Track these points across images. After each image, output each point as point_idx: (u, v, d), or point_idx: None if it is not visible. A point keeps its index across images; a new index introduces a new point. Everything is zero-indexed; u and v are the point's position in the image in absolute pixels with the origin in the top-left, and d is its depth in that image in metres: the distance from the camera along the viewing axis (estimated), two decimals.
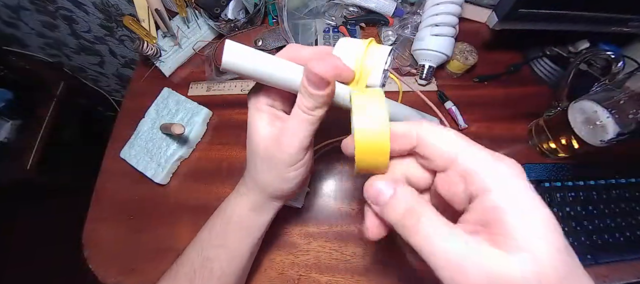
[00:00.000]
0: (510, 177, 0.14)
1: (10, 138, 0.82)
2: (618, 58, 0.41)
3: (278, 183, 0.25)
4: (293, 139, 0.22)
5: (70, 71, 1.01)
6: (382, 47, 0.22)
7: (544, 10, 0.38)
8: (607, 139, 0.35)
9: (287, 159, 0.23)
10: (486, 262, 0.13)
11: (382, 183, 0.17)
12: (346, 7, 0.50)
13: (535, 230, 0.13)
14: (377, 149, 0.17)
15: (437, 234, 0.14)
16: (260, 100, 0.24)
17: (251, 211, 0.28)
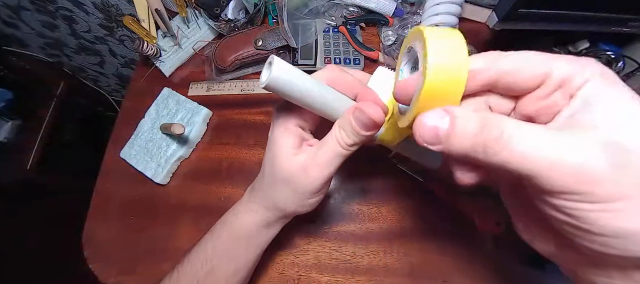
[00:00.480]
0: (602, 73, 0.13)
1: (10, 138, 0.82)
2: (618, 58, 0.42)
3: (297, 207, 0.25)
4: (324, 171, 0.22)
5: (70, 70, 1.01)
6: None
7: (544, 10, 0.38)
8: None
9: (313, 188, 0.23)
10: (584, 152, 0.12)
11: (432, 114, 0.14)
12: (346, 7, 0.50)
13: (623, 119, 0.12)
14: (451, 89, 0.14)
15: (531, 136, 0.12)
16: (290, 120, 0.23)
17: (262, 228, 0.28)
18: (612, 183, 0.12)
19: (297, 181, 0.23)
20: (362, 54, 0.48)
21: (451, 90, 0.14)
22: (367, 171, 0.41)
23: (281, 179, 0.24)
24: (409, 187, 0.40)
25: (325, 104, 0.20)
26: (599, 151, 0.12)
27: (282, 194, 0.24)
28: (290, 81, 0.19)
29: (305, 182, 0.23)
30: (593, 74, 0.13)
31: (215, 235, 0.29)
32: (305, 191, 0.23)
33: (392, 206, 0.39)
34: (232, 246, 0.28)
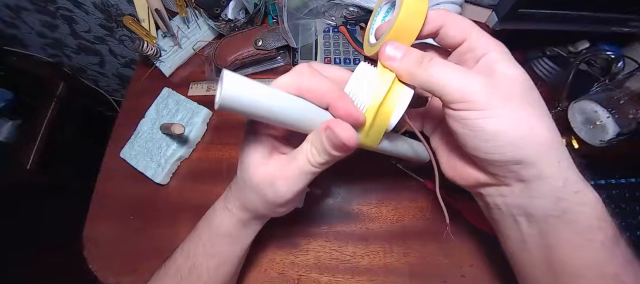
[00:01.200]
0: (501, 51, 0.20)
1: (10, 138, 0.82)
2: (618, 58, 0.41)
3: (268, 212, 0.26)
4: (291, 187, 0.22)
5: (70, 71, 1.01)
6: (405, 90, 0.21)
7: (544, 10, 0.38)
8: (607, 139, 0.35)
9: (280, 201, 0.23)
10: (485, 74, 0.19)
11: (393, 45, 0.21)
12: (346, 7, 0.50)
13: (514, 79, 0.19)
14: (413, 26, 0.21)
15: (442, 66, 0.19)
16: (261, 127, 0.22)
17: (239, 227, 0.28)
18: (485, 96, 0.18)
19: (264, 193, 0.22)
20: (362, 54, 0.48)
21: (412, 27, 0.21)
22: (367, 171, 0.41)
23: (250, 187, 0.23)
24: (409, 187, 0.40)
25: (292, 119, 0.19)
26: (478, 79, 0.19)
27: (253, 200, 0.24)
28: (247, 98, 0.16)
29: (272, 195, 0.22)
30: (491, 49, 0.20)
31: (198, 232, 0.29)
32: (273, 202, 0.23)
33: (392, 206, 0.39)
34: (212, 242, 0.28)
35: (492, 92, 0.18)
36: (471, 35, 0.21)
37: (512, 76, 0.19)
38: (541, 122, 0.19)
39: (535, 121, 0.19)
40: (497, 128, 0.18)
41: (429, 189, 0.39)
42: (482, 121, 0.18)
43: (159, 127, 0.44)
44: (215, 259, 0.28)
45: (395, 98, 0.21)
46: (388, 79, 0.20)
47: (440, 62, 0.20)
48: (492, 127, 0.18)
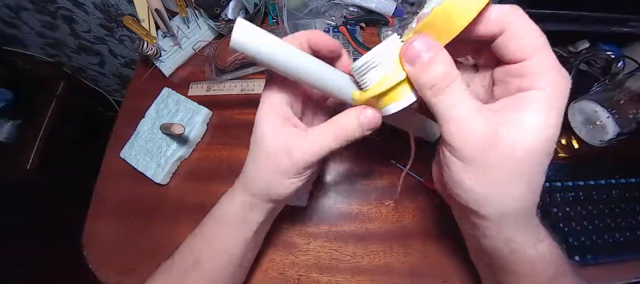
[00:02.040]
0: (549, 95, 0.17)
1: (10, 138, 0.82)
2: (618, 58, 0.42)
3: (274, 188, 0.24)
4: (308, 156, 0.22)
5: (70, 71, 1.01)
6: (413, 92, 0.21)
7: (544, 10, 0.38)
8: (607, 139, 0.35)
9: (293, 171, 0.23)
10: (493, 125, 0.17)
11: (423, 44, 0.17)
12: (346, 7, 0.50)
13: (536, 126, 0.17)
14: (465, 10, 0.17)
15: (455, 100, 0.17)
16: (275, 96, 0.23)
17: (241, 208, 0.27)
18: (477, 153, 0.17)
19: (279, 160, 0.23)
20: (362, 54, 0.48)
21: (454, 22, 0.17)
22: (367, 171, 0.41)
23: (265, 155, 0.23)
24: (409, 187, 0.40)
25: (298, 69, 0.20)
26: (481, 132, 0.17)
27: (261, 171, 0.24)
28: (256, 43, 0.19)
29: (286, 163, 0.22)
30: (542, 86, 0.17)
31: (202, 225, 0.29)
32: (285, 171, 0.23)
33: (392, 206, 0.39)
34: (214, 232, 0.28)
35: (486, 154, 0.17)
36: (532, 59, 0.17)
37: (526, 143, 0.17)
38: (522, 200, 0.19)
39: (515, 196, 0.18)
40: (473, 187, 0.18)
41: (429, 189, 0.39)
42: (461, 173, 0.18)
43: (159, 127, 0.44)
44: (217, 249, 0.28)
45: (404, 88, 0.20)
46: (400, 75, 0.19)
47: (456, 92, 0.17)
48: (468, 184, 0.18)
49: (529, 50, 0.17)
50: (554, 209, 0.37)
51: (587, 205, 0.37)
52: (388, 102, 0.21)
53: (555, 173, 0.40)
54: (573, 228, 0.36)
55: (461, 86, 0.18)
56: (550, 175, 0.40)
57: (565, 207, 0.37)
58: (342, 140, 0.22)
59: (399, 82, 0.19)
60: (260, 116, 0.23)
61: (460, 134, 0.17)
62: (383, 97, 0.21)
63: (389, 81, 0.20)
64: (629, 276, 0.35)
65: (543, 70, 0.17)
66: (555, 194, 0.38)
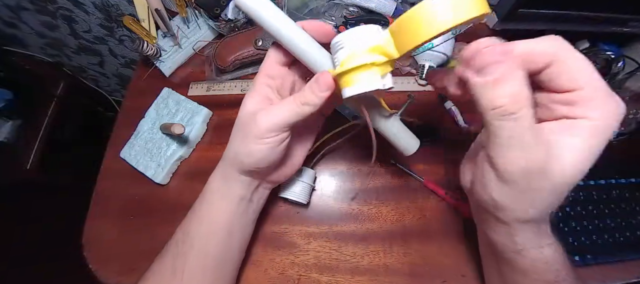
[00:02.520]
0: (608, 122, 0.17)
1: (10, 138, 0.82)
2: (618, 58, 0.42)
3: (241, 154, 0.27)
4: (269, 116, 0.25)
5: (70, 71, 1.01)
6: (377, 78, 0.21)
7: (544, 10, 0.38)
8: None
9: (255, 131, 0.25)
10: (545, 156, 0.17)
11: (498, 54, 0.17)
12: (346, 7, 0.50)
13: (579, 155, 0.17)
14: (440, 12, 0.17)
15: (531, 127, 0.17)
16: (260, 82, 0.26)
17: (220, 179, 0.30)
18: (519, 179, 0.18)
19: (246, 122, 0.26)
20: None
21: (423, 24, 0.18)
22: (367, 171, 0.41)
23: (239, 126, 0.27)
24: (409, 187, 0.40)
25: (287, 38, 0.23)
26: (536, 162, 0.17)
27: (234, 139, 0.28)
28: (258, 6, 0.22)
29: (251, 124, 0.25)
30: (591, 115, 0.17)
31: (193, 206, 0.31)
32: (250, 132, 0.25)
33: (392, 206, 0.39)
34: (201, 206, 0.30)
35: (530, 180, 0.18)
36: (583, 90, 0.17)
37: (567, 172, 0.17)
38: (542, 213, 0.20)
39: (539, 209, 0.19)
40: (503, 200, 0.19)
41: (429, 189, 0.39)
42: (496, 189, 0.19)
43: (159, 127, 0.44)
44: (202, 219, 0.30)
45: (362, 77, 0.21)
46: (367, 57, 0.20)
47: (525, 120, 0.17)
48: (498, 198, 0.19)
49: (580, 82, 0.17)
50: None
51: (587, 205, 0.38)
52: (344, 85, 0.22)
53: None
54: (573, 228, 0.37)
55: (530, 111, 0.17)
56: None
57: (565, 207, 0.37)
58: (300, 103, 0.24)
59: (357, 67, 0.20)
60: (245, 97, 0.27)
61: (516, 163, 0.17)
62: (343, 77, 0.22)
63: (348, 64, 0.21)
64: (629, 276, 0.35)
65: (595, 98, 0.17)
66: None
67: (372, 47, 0.20)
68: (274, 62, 0.27)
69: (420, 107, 0.45)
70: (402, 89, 0.46)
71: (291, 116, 0.24)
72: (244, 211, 0.31)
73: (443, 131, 0.43)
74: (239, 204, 0.30)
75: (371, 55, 0.20)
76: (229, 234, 0.30)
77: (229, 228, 0.30)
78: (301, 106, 0.24)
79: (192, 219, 0.30)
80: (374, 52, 0.20)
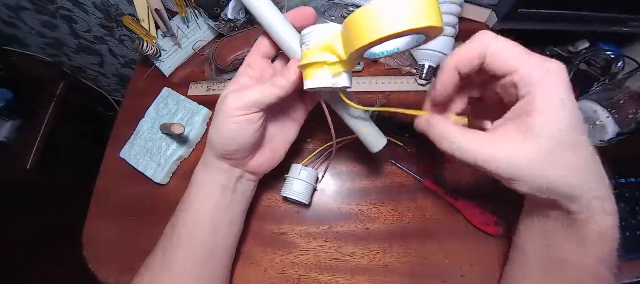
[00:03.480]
0: (551, 86, 0.19)
1: (10, 138, 0.82)
2: (618, 58, 0.42)
3: (214, 134, 0.28)
4: (238, 96, 0.26)
5: (70, 71, 1.01)
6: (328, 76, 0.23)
7: (544, 10, 0.38)
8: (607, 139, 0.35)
9: (225, 110, 0.26)
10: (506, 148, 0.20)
11: (423, 121, 0.24)
12: (346, 7, 0.50)
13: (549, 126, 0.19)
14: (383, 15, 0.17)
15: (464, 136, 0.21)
16: (240, 75, 0.28)
17: (203, 170, 0.31)
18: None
19: (217, 106, 0.27)
20: None
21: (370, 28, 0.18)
22: (367, 171, 0.41)
23: (216, 112, 0.27)
24: (409, 187, 0.40)
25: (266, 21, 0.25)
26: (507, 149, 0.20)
27: (213, 127, 0.28)
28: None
29: (222, 108, 0.26)
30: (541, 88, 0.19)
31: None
32: (220, 111, 0.26)
33: (392, 206, 0.39)
34: (188, 194, 0.31)
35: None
36: (519, 70, 0.19)
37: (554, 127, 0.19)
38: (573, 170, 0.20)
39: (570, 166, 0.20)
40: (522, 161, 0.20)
41: (429, 189, 0.39)
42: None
43: (159, 127, 0.44)
44: (189, 215, 0.30)
45: (314, 74, 0.23)
46: (318, 56, 0.22)
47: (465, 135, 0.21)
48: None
49: (510, 63, 0.20)
50: None
51: None
52: (305, 78, 0.23)
53: None
54: None
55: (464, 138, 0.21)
56: None
57: None
58: (270, 85, 0.25)
59: (310, 64, 0.22)
60: (226, 89, 0.28)
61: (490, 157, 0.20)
62: (304, 70, 0.23)
63: (304, 60, 0.22)
64: (629, 276, 0.35)
65: (527, 76, 0.19)
66: None
67: (324, 46, 0.21)
68: (257, 55, 0.28)
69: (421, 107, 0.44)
70: (402, 89, 0.46)
71: (260, 96, 0.25)
72: (229, 204, 0.31)
73: None
74: (223, 194, 0.30)
75: (323, 54, 0.22)
76: (214, 226, 0.30)
77: (214, 220, 0.30)
78: (271, 88, 0.25)
79: (180, 211, 0.31)
80: (326, 51, 0.22)
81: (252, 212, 0.39)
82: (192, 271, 0.29)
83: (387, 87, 0.46)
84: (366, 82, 0.47)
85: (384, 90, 0.46)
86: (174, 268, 0.29)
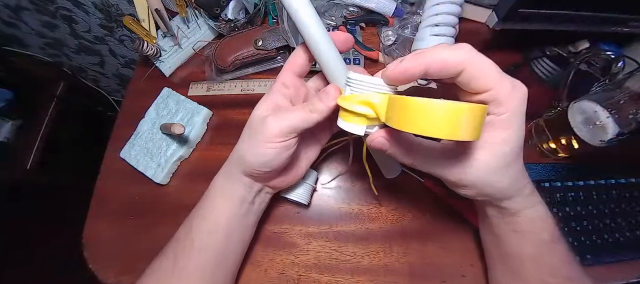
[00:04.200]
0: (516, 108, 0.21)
1: (10, 138, 0.82)
2: (618, 58, 0.41)
3: (248, 155, 0.27)
4: (279, 121, 0.25)
5: (70, 71, 1.01)
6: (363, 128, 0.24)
7: (544, 10, 0.38)
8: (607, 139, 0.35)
9: (266, 134, 0.26)
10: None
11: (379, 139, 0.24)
12: (346, 7, 0.50)
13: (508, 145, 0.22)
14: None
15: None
16: (274, 90, 0.28)
17: (224, 181, 0.31)
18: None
19: (255, 127, 0.27)
20: (362, 54, 0.48)
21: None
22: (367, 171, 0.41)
23: (249, 130, 0.28)
24: (409, 187, 0.40)
25: (314, 38, 0.24)
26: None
27: (242, 140, 0.28)
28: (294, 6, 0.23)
29: (261, 132, 0.26)
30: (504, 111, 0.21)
31: (196, 206, 0.32)
32: (260, 140, 0.26)
33: (392, 206, 0.39)
34: (202, 203, 0.31)
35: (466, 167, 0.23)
36: (491, 91, 0.20)
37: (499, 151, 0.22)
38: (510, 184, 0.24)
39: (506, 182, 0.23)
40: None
41: (429, 189, 0.39)
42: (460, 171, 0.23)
43: (159, 127, 0.44)
44: (203, 220, 0.30)
45: (352, 119, 0.24)
46: (359, 108, 0.23)
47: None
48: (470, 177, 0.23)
49: (488, 83, 0.20)
50: (554, 209, 0.37)
51: (587, 205, 0.37)
52: (341, 116, 0.25)
53: (555, 173, 0.40)
54: (573, 228, 0.36)
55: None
56: (551, 175, 0.40)
57: (565, 207, 0.37)
58: (309, 110, 0.25)
59: (350, 110, 0.23)
60: (259, 102, 0.28)
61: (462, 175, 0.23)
62: (342, 108, 0.24)
63: (345, 103, 0.24)
64: (629, 276, 0.35)
65: (500, 96, 0.20)
66: (555, 194, 0.38)
67: (368, 102, 0.23)
68: (290, 72, 0.28)
69: None
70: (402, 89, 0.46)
71: (299, 122, 0.25)
72: (245, 213, 0.31)
73: None
74: (240, 205, 0.30)
75: (364, 107, 0.23)
76: (228, 234, 0.30)
77: (229, 229, 0.30)
78: (309, 113, 0.25)
79: (194, 217, 0.31)
80: (367, 106, 0.23)
81: None
82: (203, 277, 0.29)
83: None
84: None
85: None
86: (185, 274, 0.28)
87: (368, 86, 0.23)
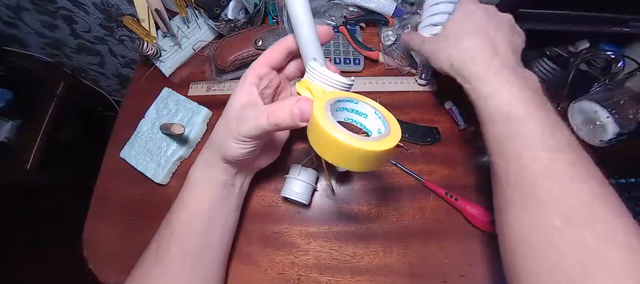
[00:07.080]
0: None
1: (10, 138, 0.82)
2: (618, 58, 0.42)
3: (224, 146, 0.28)
4: (247, 125, 0.26)
5: (70, 70, 1.01)
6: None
7: (544, 10, 0.38)
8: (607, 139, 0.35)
9: (235, 133, 0.27)
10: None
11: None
12: (346, 7, 0.50)
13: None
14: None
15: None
16: (247, 79, 0.28)
17: (203, 167, 0.31)
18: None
19: (231, 126, 0.27)
20: (362, 54, 0.48)
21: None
22: (367, 172, 0.41)
23: (225, 119, 0.28)
24: (409, 187, 0.40)
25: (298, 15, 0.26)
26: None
27: (218, 129, 0.29)
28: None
29: (234, 130, 0.27)
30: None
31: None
32: (233, 136, 0.27)
33: (392, 206, 0.39)
34: (182, 192, 0.32)
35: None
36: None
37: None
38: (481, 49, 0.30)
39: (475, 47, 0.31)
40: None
41: (429, 189, 0.39)
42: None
43: (159, 127, 0.44)
44: (185, 209, 0.30)
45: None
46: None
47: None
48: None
49: None
50: None
51: None
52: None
53: None
54: None
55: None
56: None
57: None
58: (273, 124, 0.25)
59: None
60: (234, 90, 0.29)
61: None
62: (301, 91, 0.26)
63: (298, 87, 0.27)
64: None
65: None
66: None
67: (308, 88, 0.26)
68: (264, 64, 0.29)
69: (420, 107, 0.45)
70: (402, 89, 0.46)
71: (267, 128, 0.26)
72: (227, 196, 0.32)
73: (443, 131, 0.43)
74: (223, 189, 0.31)
75: (305, 91, 0.26)
76: (209, 219, 0.31)
77: (210, 213, 0.31)
78: (274, 124, 0.25)
79: (175, 208, 0.31)
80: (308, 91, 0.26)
81: (252, 212, 0.39)
82: (184, 265, 0.29)
83: (386, 87, 0.46)
84: (366, 82, 0.47)
85: (384, 90, 0.46)
86: (166, 262, 0.29)
87: (318, 76, 0.26)
